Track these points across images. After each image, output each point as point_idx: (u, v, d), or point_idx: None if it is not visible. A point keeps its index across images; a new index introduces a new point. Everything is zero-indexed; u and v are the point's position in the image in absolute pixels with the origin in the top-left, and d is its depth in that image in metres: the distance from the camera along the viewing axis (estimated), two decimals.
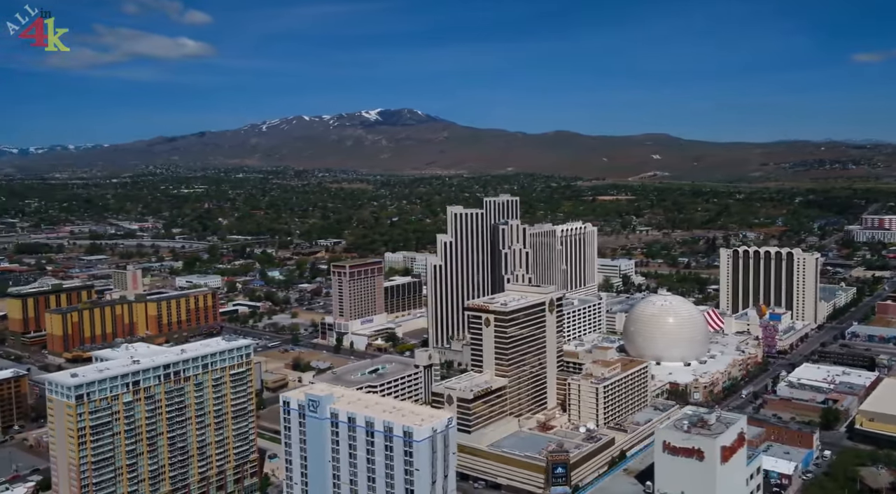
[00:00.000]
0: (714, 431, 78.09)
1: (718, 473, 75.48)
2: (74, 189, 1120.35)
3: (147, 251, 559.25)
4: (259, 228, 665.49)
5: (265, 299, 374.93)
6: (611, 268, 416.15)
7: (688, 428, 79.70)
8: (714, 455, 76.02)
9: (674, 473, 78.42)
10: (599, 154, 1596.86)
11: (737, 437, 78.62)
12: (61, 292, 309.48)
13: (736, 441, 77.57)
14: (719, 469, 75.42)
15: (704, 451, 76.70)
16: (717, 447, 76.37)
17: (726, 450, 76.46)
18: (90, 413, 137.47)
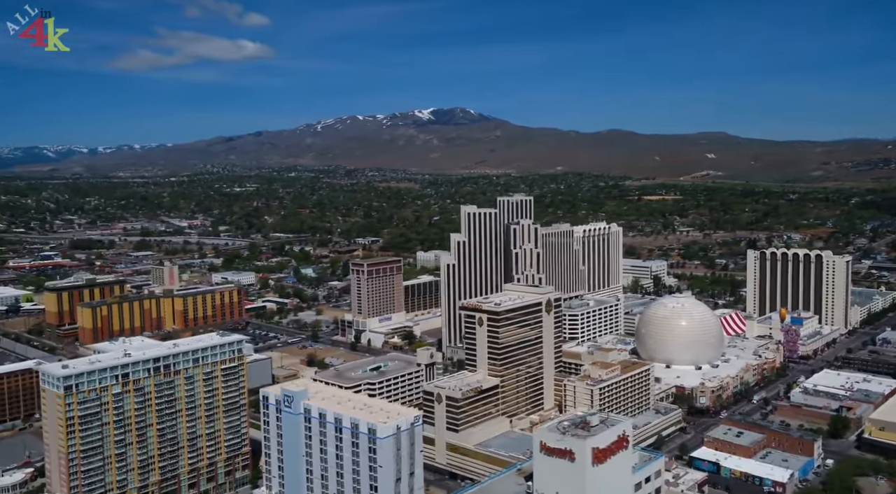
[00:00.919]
0: (592, 433, 77.39)
1: (590, 474, 74.90)
2: (134, 187, 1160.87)
3: (192, 248, 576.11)
4: (302, 226, 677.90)
5: (293, 296, 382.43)
6: (641, 269, 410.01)
7: (564, 430, 79.34)
8: (585, 456, 75.49)
9: (549, 473, 78.21)
10: (652, 153, 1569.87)
11: (616, 439, 77.59)
12: (94, 287, 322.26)
13: (613, 444, 76.60)
14: (591, 471, 74.81)
15: (575, 452, 76.29)
16: (587, 448, 75.78)
17: (599, 452, 75.75)
18: (79, 404, 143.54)
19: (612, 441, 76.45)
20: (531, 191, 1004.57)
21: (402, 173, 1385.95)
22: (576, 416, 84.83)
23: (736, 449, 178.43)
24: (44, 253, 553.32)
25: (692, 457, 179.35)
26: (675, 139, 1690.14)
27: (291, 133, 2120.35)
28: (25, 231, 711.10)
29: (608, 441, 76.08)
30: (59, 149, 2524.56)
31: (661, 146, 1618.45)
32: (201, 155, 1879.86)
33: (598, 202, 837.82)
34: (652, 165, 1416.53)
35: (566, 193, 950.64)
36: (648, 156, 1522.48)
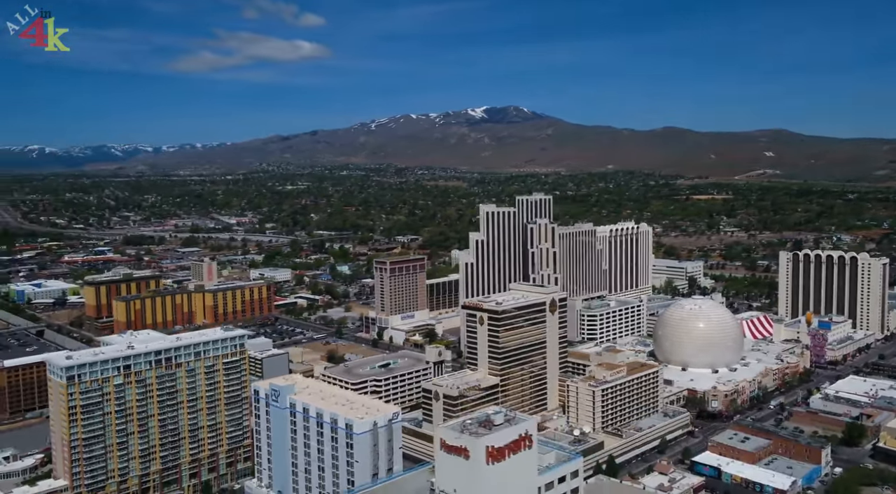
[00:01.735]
0: (491, 431, 77.40)
1: (484, 473, 74.98)
2: (191, 185, 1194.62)
3: (236, 244, 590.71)
4: (345, 224, 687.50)
5: (325, 293, 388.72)
6: (676, 270, 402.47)
7: (463, 428, 79.53)
8: (479, 454, 75.61)
9: (448, 471, 78.68)
10: (708, 151, 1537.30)
11: (516, 439, 77.37)
12: (131, 281, 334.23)
13: (512, 443, 76.39)
14: (485, 469, 74.88)
15: (469, 450, 76.43)
16: (481, 446, 75.85)
17: (494, 451, 75.69)
18: (81, 393, 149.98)
19: (512, 439, 76.46)
20: (579, 190, 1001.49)
21: (451, 171, 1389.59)
22: (482, 414, 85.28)
23: (740, 455, 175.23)
24: (97, 249, 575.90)
25: (693, 462, 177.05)
26: (732, 137, 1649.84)
27: (346, 132, 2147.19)
28: (84, 227, 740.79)
29: (506, 440, 76.16)
30: (125, 148, 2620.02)
31: (717, 144, 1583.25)
32: (258, 153, 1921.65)
33: (644, 201, 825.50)
34: (706, 164, 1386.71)
35: (613, 192, 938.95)
36: (703, 155, 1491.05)
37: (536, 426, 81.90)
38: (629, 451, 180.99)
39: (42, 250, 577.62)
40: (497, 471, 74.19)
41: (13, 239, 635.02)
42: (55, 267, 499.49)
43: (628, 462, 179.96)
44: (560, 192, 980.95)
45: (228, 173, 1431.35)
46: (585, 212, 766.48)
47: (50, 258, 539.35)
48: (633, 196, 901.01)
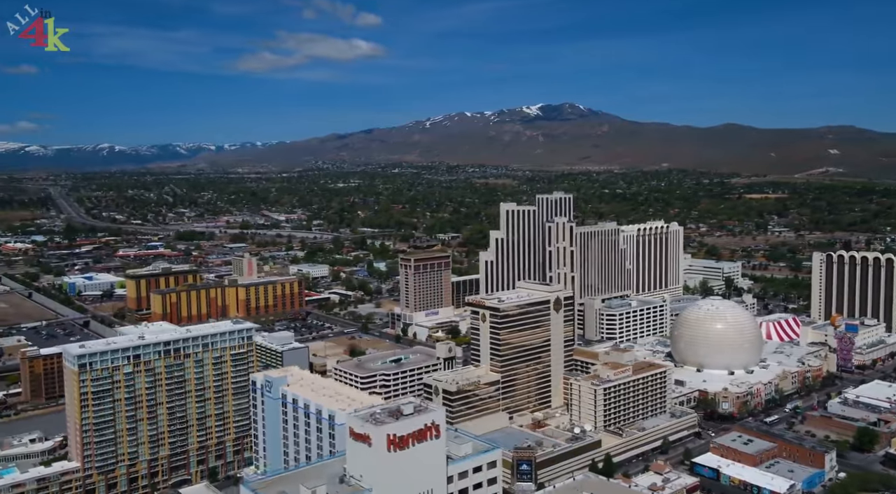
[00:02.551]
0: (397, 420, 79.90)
1: (385, 459, 77.70)
2: (246, 182, 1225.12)
3: (282, 241, 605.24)
4: (389, 222, 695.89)
5: (359, 289, 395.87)
6: (713, 271, 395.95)
7: (369, 416, 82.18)
8: (380, 441, 78.22)
9: (355, 456, 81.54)
10: (768, 149, 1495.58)
11: (421, 428, 79.64)
12: (169, 275, 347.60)
13: (417, 432, 78.78)
14: (386, 456, 77.53)
15: (371, 437, 79.17)
16: (382, 434, 78.45)
17: (396, 438, 78.12)
18: (92, 380, 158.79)
19: (416, 429, 78.96)
20: (629, 188, 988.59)
21: (503, 170, 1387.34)
22: (394, 403, 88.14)
23: (741, 457, 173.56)
24: (150, 244, 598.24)
25: (693, 463, 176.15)
26: (796, 134, 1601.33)
27: (400, 130, 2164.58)
28: (142, 223, 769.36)
29: (409, 429, 78.72)
30: (190, 146, 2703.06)
31: (779, 141, 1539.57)
32: (315, 151, 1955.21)
33: (694, 200, 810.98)
34: (766, 162, 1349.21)
35: (663, 191, 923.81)
36: (763, 152, 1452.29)
37: (444, 416, 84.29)
38: (628, 450, 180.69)
39: (100, 245, 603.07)
40: (399, 458, 77.24)
41: (75, 233, 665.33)
42: (109, 261, 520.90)
43: (628, 462, 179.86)
44: (609, 191, 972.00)
45: (284, 171, 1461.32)
46: (632, 210, 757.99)
47: (105, 252, 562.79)
48: (683, 194, 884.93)
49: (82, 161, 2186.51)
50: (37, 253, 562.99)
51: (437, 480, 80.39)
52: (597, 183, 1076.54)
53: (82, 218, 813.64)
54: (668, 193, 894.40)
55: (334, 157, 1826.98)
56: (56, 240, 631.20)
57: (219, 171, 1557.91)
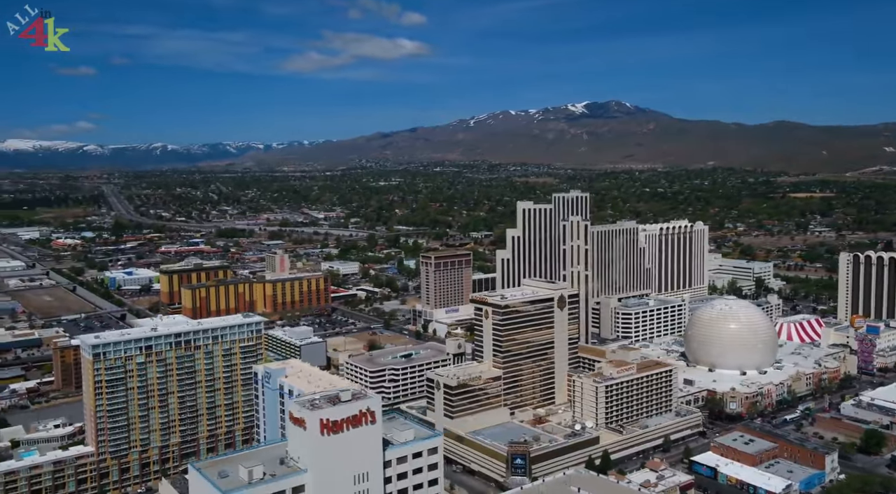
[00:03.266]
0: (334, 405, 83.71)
1: (319, 442, 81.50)
2: (290, 181, 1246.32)
3: (318, 238, 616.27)
4: (424, 220, 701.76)
5: (386, 285, 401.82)
6: (743, 271, 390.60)
7: (308, 402, 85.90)
8: (314, 425, 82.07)
9: (294, 439, 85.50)
10: (820, 146, 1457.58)
11: (356, 414, 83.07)
12: (201, 271, 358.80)
13: (351, 418, 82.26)
14: (320, 439, 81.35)
15: (306, 421, 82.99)
16: (316, 419, 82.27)
17: (330, 423, 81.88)
18: (106, 369, 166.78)
19: (351, 414, 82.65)
20: (671, 187, 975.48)
21: (544, 168, 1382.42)
22: (334, 390, 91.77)
23: (740, 456, 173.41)
24: (192, 240, 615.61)
25: (692, 461, 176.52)
26: (850, 131, 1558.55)
27: (444, 128, 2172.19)
28: (186, 220, 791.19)
29: (343, 415, 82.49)
30: (239, 145, 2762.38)
31: (832, 138, 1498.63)
32: (360, 150, 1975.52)
33: (735, 199, 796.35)
34: (817, 160, 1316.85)
35: (705, 190, 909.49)
36: (814, 150, 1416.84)
37: (380, 403, 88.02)
38: (628, 448, 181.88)
39: (144, 241, 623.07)
40: (333, 441, 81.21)
41: (122, 230, 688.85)
42: (151, 257, 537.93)
43: (628, 459, 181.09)
44: (650, 189, 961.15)
45: (328, 169, 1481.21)
46: (671, 209, 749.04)
47: (149, 248, 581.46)
48: (726, 193, 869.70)
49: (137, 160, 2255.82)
50: (85, 249, 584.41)
51: (373, 463, 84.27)
52: (638, 181, 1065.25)
53: (131, 215, 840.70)
54: (710, 192, 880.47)
55: (378, 156, 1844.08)
56: (104, 236, 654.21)
57: (265, 170, 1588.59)
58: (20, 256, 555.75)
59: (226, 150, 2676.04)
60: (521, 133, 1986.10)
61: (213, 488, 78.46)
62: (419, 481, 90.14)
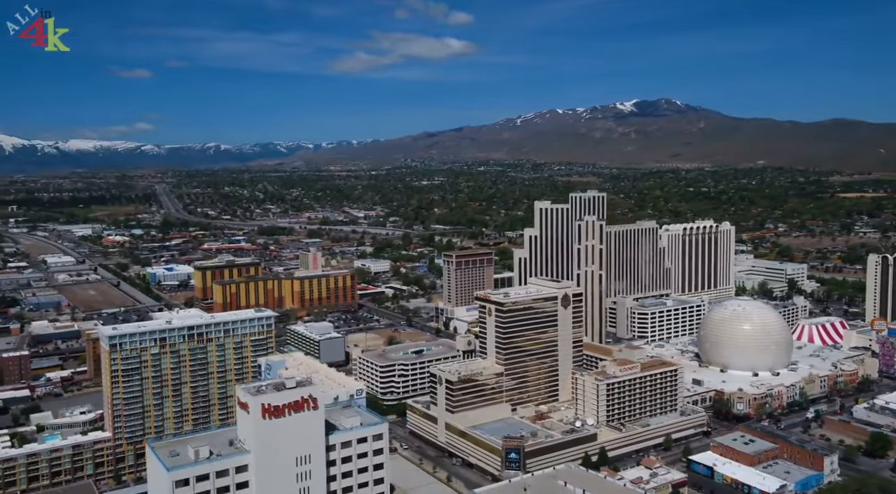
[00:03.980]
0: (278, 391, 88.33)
1: (261, 425, 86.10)
2: (335, 180, 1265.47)
3: (355, 237, 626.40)
4: (461, 219, 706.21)
5: (414, 283, 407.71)
6: (775, 272, 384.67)
7: (254, 388, 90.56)
8: (256, 409, 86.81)
9: (241, 423, 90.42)
10: (877, 145, 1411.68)
11: (297, 400, 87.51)
12: (233, 267, 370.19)
13: (293, 403, 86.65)
14: (262, 423, 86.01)
15: (250, 406, 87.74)
16: (258, 403, 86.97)
17: (272, 408, 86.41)
18: (122, 359, 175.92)
19: (292, 400, 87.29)
20: (716, 187, 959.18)
21: (589, 167, 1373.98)
22: (280, 379, 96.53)
23: (738, 456, 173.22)
24: (234, 238, 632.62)
25: (690, 460, 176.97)
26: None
27: (491, 128, 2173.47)
28: (231, 218, 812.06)
29: (285, 400, 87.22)
30: (289, 145, 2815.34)
31: (891, 136, 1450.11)
32: (406, 150, 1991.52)
33: (780, 199, 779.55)
34: (874, 158, 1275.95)
35: (751, 189, 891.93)
36: (871, 149, 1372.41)
37: (321, 390, 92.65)
38: (627, 445, 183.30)
39: (189, 238, 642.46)
40: (274, 425, 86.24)
41: (170, 227, 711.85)
42: (193, 253, 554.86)
43: (627, 456, 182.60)
44: (694, 189, 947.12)
45: (374, 169, 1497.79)
46: (713, 209, 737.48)
47: (192, 245, 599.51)
48: (772, 193, 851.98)
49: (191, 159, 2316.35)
50: (132, 246, 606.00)
51: (315, 446, 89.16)
52: (683, 181, 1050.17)
53: (179, 213, 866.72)
54: (755, 192, 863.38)
55: (424, 155, 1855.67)
56: (151, 233, 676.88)
57: (312, 169, 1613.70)
58: (72, 252, 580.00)
59: (276, 150, 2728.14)
60: (568, 132, 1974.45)
61: (162, 465, 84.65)
62: (364, 465, 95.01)
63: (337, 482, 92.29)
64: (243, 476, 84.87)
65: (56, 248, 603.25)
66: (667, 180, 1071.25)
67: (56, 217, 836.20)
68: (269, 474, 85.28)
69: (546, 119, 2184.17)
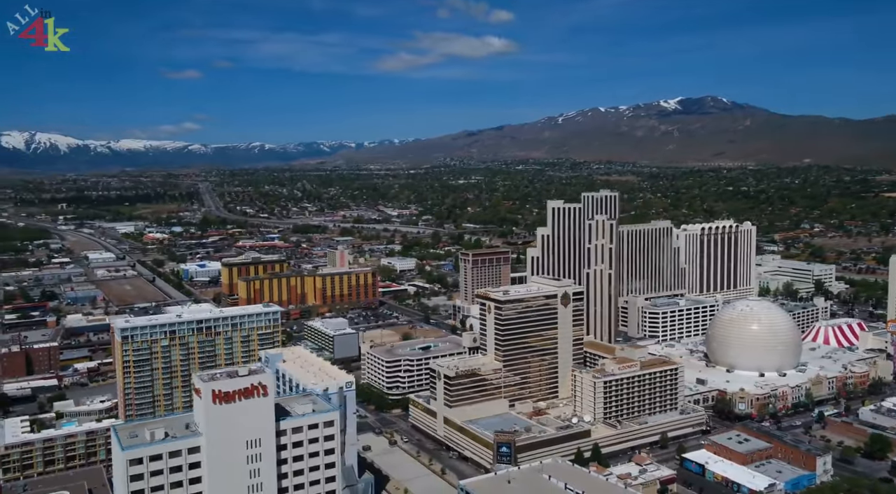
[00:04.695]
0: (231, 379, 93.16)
1: (212, 410, 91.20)
2: (373, 179, 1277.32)
3: (386, 235, 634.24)
4: (493, 218, 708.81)
5: (436, 281, 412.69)
6: (801, 273, 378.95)
7: (208, 375, 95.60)
8: (207, 395, 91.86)
9: (196, 408, 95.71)
10: None
11: (247, 387, 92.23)
12: (259, 264, 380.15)
13: (243, 390, 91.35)
14: (213, 408, 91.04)
15: (202, 391, 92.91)
16: (209, 389, 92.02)
17: (222, 394, 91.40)
18: (133, 351, 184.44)
19: (243, 387, 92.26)
20: (757, 185, 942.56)
21: (629, 166, 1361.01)
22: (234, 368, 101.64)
23: (731, 455, 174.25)
24: (269, 236, 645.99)
25: (683, 458, 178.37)
26: None
27: (532, 126, 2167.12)
28: (268, 216, 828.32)
29: (235, 387, 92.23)
30: (332, 144, 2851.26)
31: None
32: (446, 149, 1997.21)
33: (821, 198, 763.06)
34: None
35: (791, 188, 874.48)
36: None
37: (273, 380, 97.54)
38: (621, 442, 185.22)
39: (225, 236, 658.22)
40: (224, 410, 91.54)
41: (208, 225, 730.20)
42: (228, 250, 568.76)
43: (623, 453, 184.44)
44: (734, 188, 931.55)
45: (413, 167, 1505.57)
46: (749, 208, 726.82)
47: (228, 243, 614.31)
48: (814, 192, 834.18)
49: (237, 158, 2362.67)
50: (171, 243, 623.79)
51: (265, 431, 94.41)
52: (723, 180, 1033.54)
53: (219, 211, 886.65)
54: (796, 191, 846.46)
55: (463, 154, 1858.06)
56: (190, 230, 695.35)
57: (353, 168, 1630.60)
58: (113, 249, 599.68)
59: (319, 149, 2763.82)
60: (610, 130, 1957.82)
61: (118, 445, 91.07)
62: (315, 450, 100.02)
63: (288, 465, 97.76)
64: (195, 457, 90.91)
65: (99, 245, 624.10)
66: (706, 179, 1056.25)
67: (103, 214, 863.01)
68: (220, 455, 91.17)
69: (588, 117, 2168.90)
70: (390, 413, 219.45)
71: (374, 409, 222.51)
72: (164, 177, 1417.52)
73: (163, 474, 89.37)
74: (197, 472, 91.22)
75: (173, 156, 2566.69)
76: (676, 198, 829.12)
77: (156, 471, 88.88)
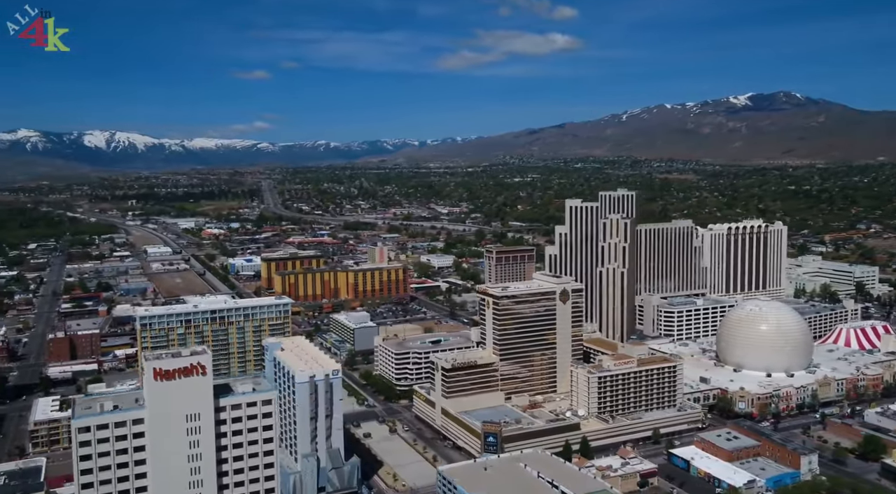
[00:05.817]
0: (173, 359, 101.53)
1: (154, 386, 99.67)
2: (430, 177, 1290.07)
3: (432, 232, 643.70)
4: (542, 216, 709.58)
5: (470, 278, 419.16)
6: (842, 275, 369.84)
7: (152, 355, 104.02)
8: (150, 372, 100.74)
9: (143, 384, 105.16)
10: None
11: (187, 366, 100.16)
12: (297, 259, 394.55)
13: (182, 369, 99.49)
14: (154, 384, 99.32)
15: (145, 369, 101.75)
16: (150, 367, 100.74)
17: (162, 371, 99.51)
18: (151, 338, 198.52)
19: (182, 366, 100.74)
20: (822, 185, 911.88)
21: (692, 164, 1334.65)
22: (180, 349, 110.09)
23: (717, 452, 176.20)
24: (319, 232, 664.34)
25: (670, 453, 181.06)
26: None
27: (595, 124, 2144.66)
28: (322, 213, 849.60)
29: (175, 366, 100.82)
30: (395, 142, 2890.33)
31: None
32: (507, 147, 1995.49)
33: (885, 198, 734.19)
34: None
35: (857, 188, 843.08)
36: None
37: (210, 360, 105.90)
38: (612, 437, 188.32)
39: (278, 232, 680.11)
40: (165, 386, 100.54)
41: (264, 221, 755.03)
42: (278, 246, 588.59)
43: (613, 447, 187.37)
44: (796, 187, 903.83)
45: (472, 165, 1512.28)
46: (807, 208, 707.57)
47: (279, 239, 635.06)
48: (880, 192, 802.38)
49: (303, 157, 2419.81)
50: (226, 238, 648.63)
51: (204, 407, 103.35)
52: (787, 179, 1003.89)
53: (277, 208, 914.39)
54: (861, 190, 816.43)
55: (524, 152, 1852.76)
56: (246, 226, 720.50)
57: (413, 166, 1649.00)
58: (172, 243, 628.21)
59: (383, 147, 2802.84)
60: (675, 127, 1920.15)
61: (72, 415, 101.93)
62: (253, 426, 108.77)
63: (227, 438, 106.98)
64: (140, 428, 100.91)
65: (159, 239, 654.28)
66: (770, 178, 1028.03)
67: (168, 210, 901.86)
68: (162, 427, 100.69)
69: (653, 114, 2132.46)
70: (398, 404, 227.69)
71: (383, 399, 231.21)
72: (230, 174, 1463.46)
73: (109, 442, 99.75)
74: (141, 441, 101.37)
75: (242, 155, 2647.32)
76: (733, 198, 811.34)
77: (102, 439, 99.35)
